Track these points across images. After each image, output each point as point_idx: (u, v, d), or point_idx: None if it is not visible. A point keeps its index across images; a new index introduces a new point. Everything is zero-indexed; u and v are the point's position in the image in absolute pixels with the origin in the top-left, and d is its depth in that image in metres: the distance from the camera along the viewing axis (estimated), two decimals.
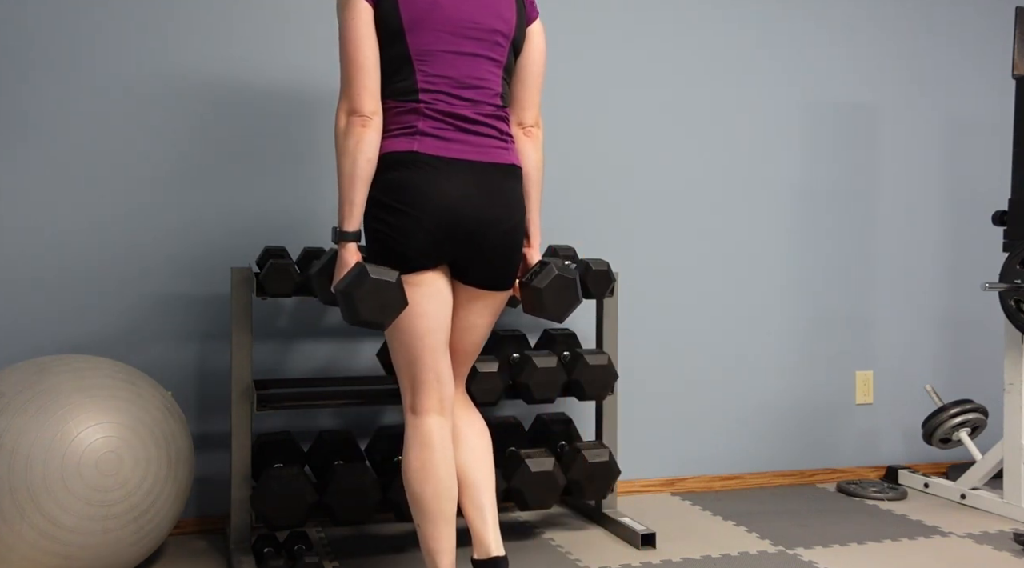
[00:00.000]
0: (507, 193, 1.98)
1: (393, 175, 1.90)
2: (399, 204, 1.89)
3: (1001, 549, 2.68)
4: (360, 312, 1.83)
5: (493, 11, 1.97)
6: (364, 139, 1.87)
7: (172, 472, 2.29)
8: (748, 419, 3.43)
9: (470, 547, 2.65)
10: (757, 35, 3.43)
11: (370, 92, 1.89)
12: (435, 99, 1.92)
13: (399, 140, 1.91)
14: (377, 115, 1.90)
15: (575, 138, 3.22)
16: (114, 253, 2.75)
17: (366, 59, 1.89)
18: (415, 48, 1.91)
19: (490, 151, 1.97)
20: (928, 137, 3.67)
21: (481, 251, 1.96)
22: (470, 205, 1.91)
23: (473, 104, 1.95)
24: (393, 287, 1.85)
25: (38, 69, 2.68)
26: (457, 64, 1.93)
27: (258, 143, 2.87)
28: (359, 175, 1.88)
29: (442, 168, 1.90)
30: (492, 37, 1.97)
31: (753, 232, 3.43)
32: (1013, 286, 2.96)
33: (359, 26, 1.89)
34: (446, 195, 1.89)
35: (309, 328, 2.92)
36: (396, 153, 1.91)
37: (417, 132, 1.91)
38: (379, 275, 1.84)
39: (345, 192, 1.89)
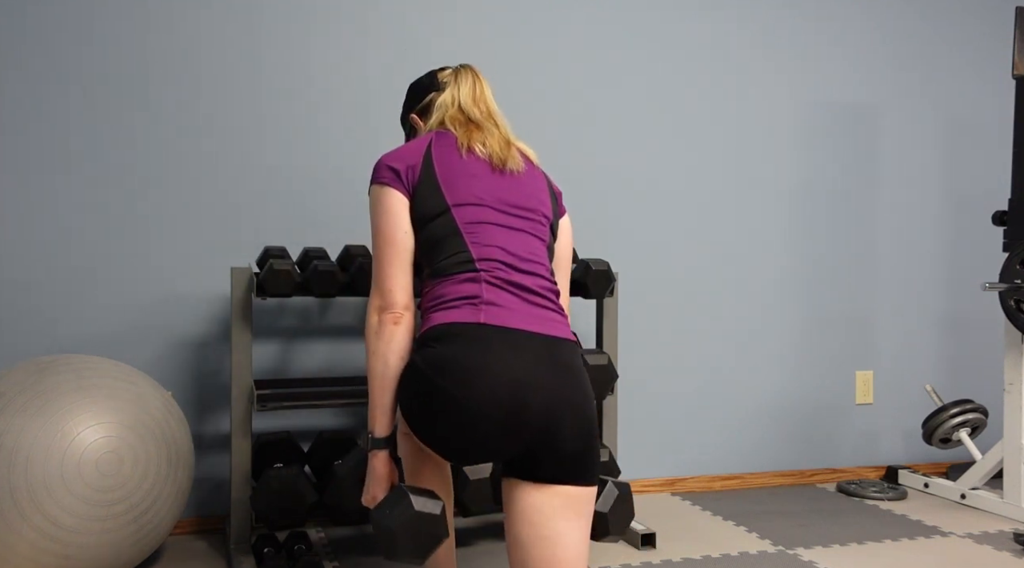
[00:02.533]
0: (579, 373, 1.71)
1: (448, 349, 1.63)
2: (457, 390, 1.60)
3: (1001, 549, 2.68)
4: (399, 549, 1.61)
5: (532, 194, 1.86)
6: (396, 338, 1.72)
7: (172, 472, 2.29)
8: (748, 419, 3.43)
9: (470, 547, 2.65)
10: (757, 36, 3.43)
11: (402, 286, 1.75)
12: (494, 267, 1.72)
13: (459, 310, 1.68)
14: (410, 311, 1.75)
15: (575, 138, 3.22)
16: (114, 253, 2.75)
17: (400, 252, 1.76)
18: (463, 221, 1.75)
19: (556, 326, 1.73)
20: (928, 137, 3.67)
21: (556, 438, 1.64)
22: (544, 387, 1.63)
23: (531, 276, 1.76)
24: (437, 520, 1.62)
25: (37, 68, 2.68)
26: (508, 237, 1.77)
27: (258, 143, 2.87)
28: (391, 375, 1.72)
29: (510, 344, 1.64)
30: (535, 217, 1.83)
31: (753, 232, 3.43)
32: (1013, 286, 2.96)
33: (393, 218, 1.77)
34: (517, 375, 1.61)
35: (309, 328, 2.92)
36: (454, 324, 1.66)
37: (483, 302, 1.68)
38: (423, 508, 1.61)
39: (376, 395, 1.73)
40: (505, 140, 1.87)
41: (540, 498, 1.65)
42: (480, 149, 1.83)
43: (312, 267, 2.47)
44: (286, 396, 2.54)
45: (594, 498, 1.71)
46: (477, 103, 1.91)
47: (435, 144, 1.83)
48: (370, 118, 2.98)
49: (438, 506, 1.63)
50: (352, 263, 2.58)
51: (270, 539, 2.46)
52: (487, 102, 1.93)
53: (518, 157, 1.87)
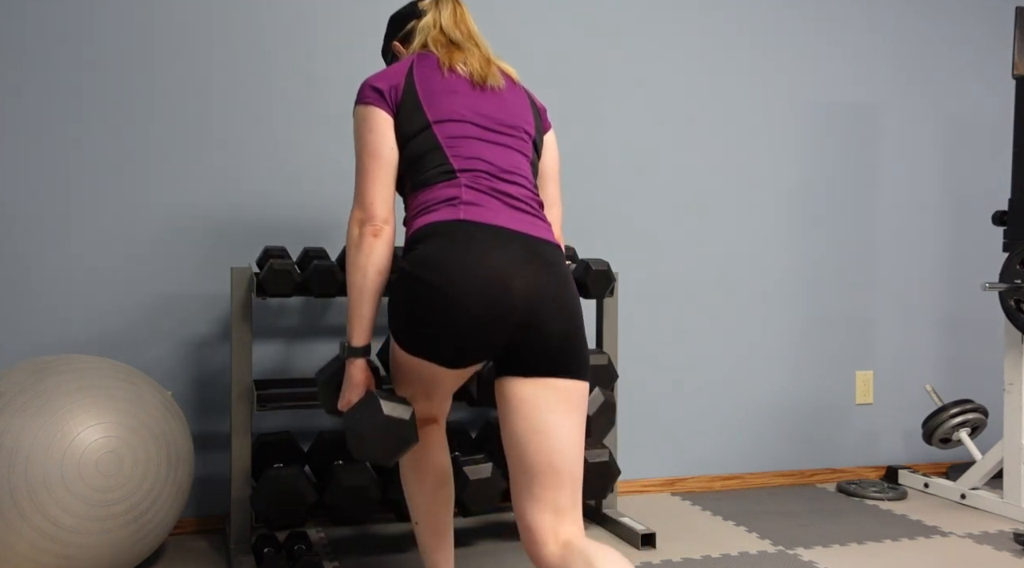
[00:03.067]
0: (562, 269, 1.74)
1: (431, 247, 1.67)
2: (439, 281, 1.64)
3: (1001, 549, 2.68)
4: (367, 450, 1.68)
5: (514, 111, 1.89)
6: (376, 250, 1.76)
7: (172, 472, 2.29)
8: (748, 419, 3.43)
9: (470, 547, 2.65)
10: (757, 36, 3.43)
11: (384, 199, 1.79)
12: (475, 177, 1.77)
13: (440, 211, 1.73)
14: (390, 225, 1.79)
15: (575, 139, 3.22)
16: (114, 253, 2.75)
17: (382, 166, 1.80)
18: (444, 137, 1.79)
19: (539, 228, 1.76)
20: (928, 137, 3.67)
21: (539, 330, 1.66)
22: (525, 277, 1.66)
23: (514, 185, 1.80)
24: (406, 425, 1.68)
25: (39, 68, 2.68)
26: (490, 151, 1.81)
27: (258, 143, 2.87)
28: (370, 287, 1.76)
29: (489, 237, 1.68)
30: (517, 133, 1.87)
31: (753, 232, 3.43)
32: (1013, 286, 2.96)
33: (377, 135, 1.80)
34: (496, 267, 1.64)
35: (309, 328, 2.92)
36: (436, 224, 1.70)
37: (462, 202, 1.73)
38: (392, 412, 1.68)
39: (355, 305, 1.77)
40: (486, 58, 1.91)
41: (532, 391, 1.67)
42: (461, 67, 1.87)
43: (312, 267, 2.47)
44: (286, 396, 2.54)
45: (587, 394, 1.73)
46: (458, 25, 1.95)
47: (417, 64, 1.87)
48: None
49: (407, 412, 1.68)
50: None
51: (270, 539, 2.46)
52: (468, 24, 1.97)
53: (499, 75, 1.91)
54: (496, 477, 2.50)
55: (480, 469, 2.49)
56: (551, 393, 1.67)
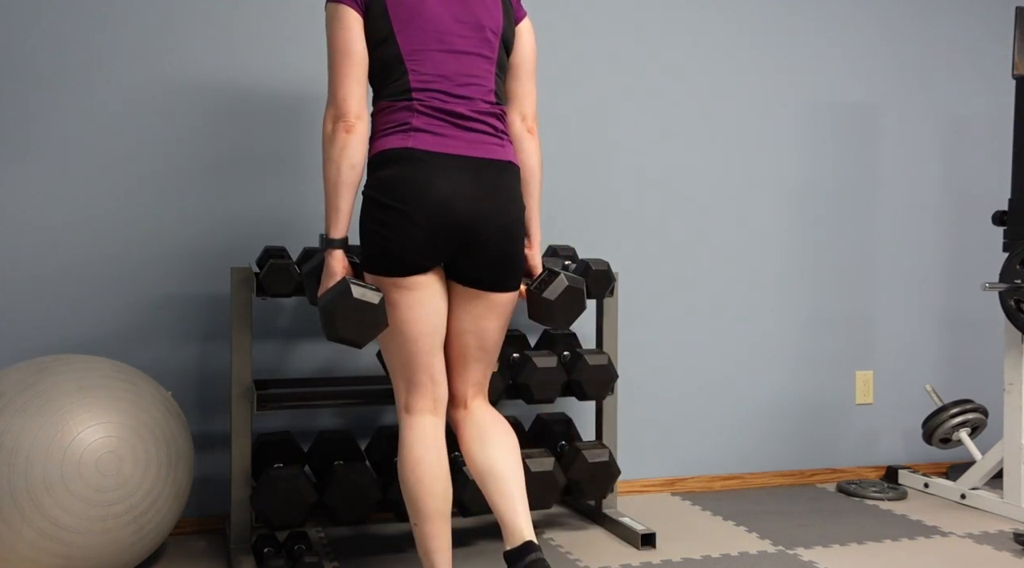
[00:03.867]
0: (504, 189, 1.95)
1: (386, 172, 1.88)
2: (393, 201, 1.86)
3: (1001, 549, 2.68)
4: (338, 330, 1.81)
5: (480, 10, 1.97)
6: (349, 144, 1.87)
7: (172, 472, 2.29)
8: (748, 419, 3.43)
9: (469, 547, 2.65)
10: (756, 35, 3.43)
11: (355, 97, 1.89)
12: (429, 97, 1.91)
13: (393, 137, 1.90)
14: (362, 121, 1.89)
15: (575, 139, 3.22)
16: (114, 253, 2.75)
17: (354, 65, 1.89)
18: (406, 48, 1.91)
19: (486, 147, 1.94)
20: (928, 137, 3.67)
21: (478, 249, 1.92)
22: (465, 200, 1.88)
23: (467, 101, 1.94)
24: (375, 308, 1.82)
25: (39, 69, 2.68)
26: (449, 62, 1.93)
27: (258, 143, 2.87)
28: (344, 181, 1.88)
29: (436, 163, 1.88)
30: (482, 34, 1.96)
31: (753, 232, 3.43)
32: (1013, 286, 2.96)
33: (347, 33, 1.89)
34: (440, 190, 1.86)
35: (309, 328, 2.92)
36: (389, 150, 1.89)
37: (411, 129, 1.89)
38: (362, 295, 1.81)
39: (331, 199, 1.89)
40: None
41: (469, 298, 1.98)
42: None
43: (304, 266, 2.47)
44: (286, 396, 2.54)
45: (514, 300, 2.02)
46: None
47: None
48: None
49: (376, 297, 1.83)
50: None
51: (270, 539, 2.46)
52: None
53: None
54: None
55: None
56: (484, 302, 1.99)
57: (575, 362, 2.68)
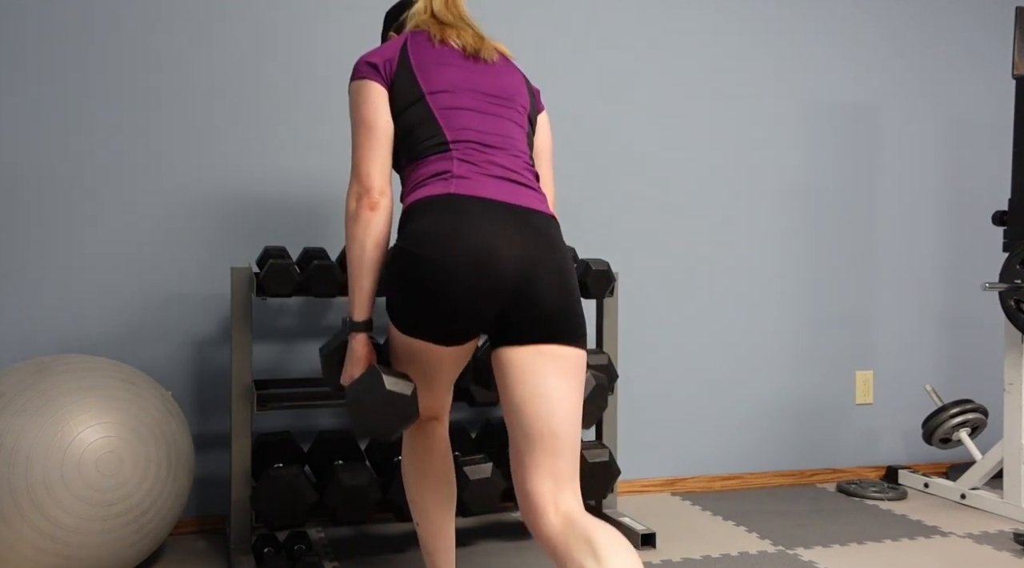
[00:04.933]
0: (554, 239, 1.73)
1: (423, 222, 1.67)
2: (432, 253, 1.64)
3: (1001, 549, 2.68)
4: (369, 424, 1.70)
5: (509, 84, 1.91)
6: (373, 223, 1.77)
7: (172, 472, 2.29)
8: (748, 419, 3.43)
9: (470, 547, 2.65)
10: (756, 36, 3.43)
11: (380, 172, 1.80)
12: (467, 148, 1.77)
13: (431, 186, 1.73)
14: (386, 197, 1.79)
15: (575, 139, 3.22)
16: (114, 253, 2.75)
17: (378, 139, 1.81)
18: (438, 106, 1.80)
19: (532, 199, 1.76)
20: (928, 137, 3.67)
21: (533, 300, 1.66)
22: (515, 247, 1.66)
23: (506, 154, 1.80)
24: (407, 400, 1.69)
25: (36, 66, 2.68)
26: (484, 121, 1.81)
27: (258, 143, 2.87)
28: (368, 260, 1.77)
29: (480, 210, 1.67)
30: (512, 105, 1.88)
31: (753, 232, 3.43)
32: (1013, 286, 2.96)
33: (373, 108, 1.81)
34: (485, 239, 1.64)
35: (309, 328, 2.92)
36: (428, 198, 1.71)
37: (452, 176, 1.73)
38: (394, 387, 1.68)
39: (355, 279, 1.78)
40: (478, 35, 1.93)
41: (529, 358, 1.67)
42: (454, 41, 1.89)
43: (312, 267, 2.47)
44: (286, 396, 2.54)
45: (584, 362, 1.72)
46: (449, 9, 1.97)
47: (410, 40, 1.89)
48: None
49: (409, 387, 1.69)
50: None
51: (270, 539, 2.46)
52: (459, 7, 1.99)
53: (491, 49, 1.92)
54: (496, 477, 2.50)
55: (480, 469, 2.49)
56: (548, 359, 1.67)
57: None
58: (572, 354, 1.69)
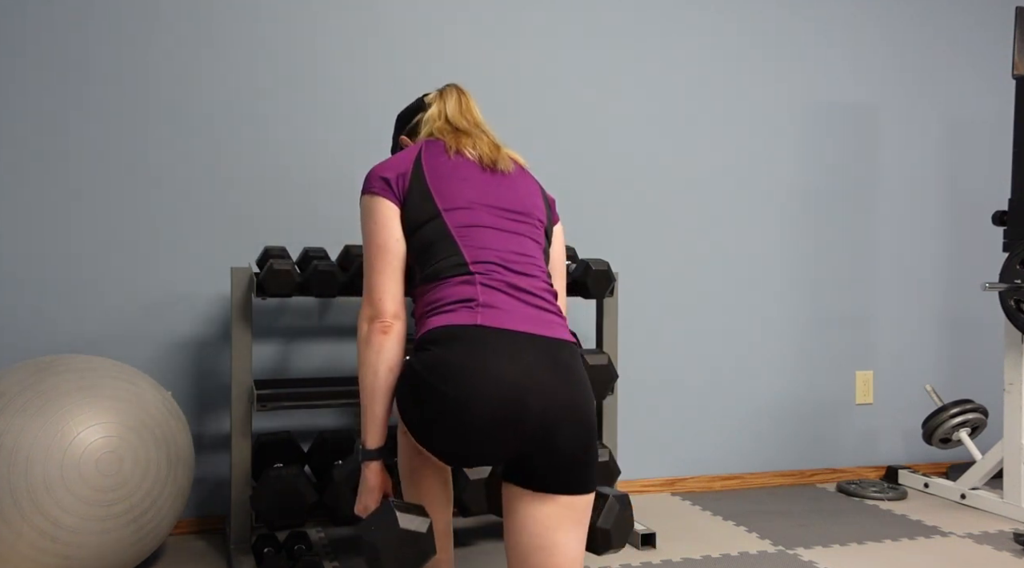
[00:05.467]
0: (579, 374, 1.68)
1: (445, 352, 1.61)
2: (449, 388, 1.58)
3: (1001, 549, 2.68)
4: (384, 563, 1.61)
5: (526, 197, 1.86)
6: (385, 348, 1.71)
7: (172, 472, 2.29)
8: (748, 419, 3.43)
9: (470, 547, 2.65)
10: (756, 36, 3.43)
11: (393, 295, 1.75)
12: (489, 270, 1.71)
13: (455, 314, 1.66)
14: (400, 321, 1.74)
15: (574, 139, 3.22)
16: (114, 253, 2.75)
17: (391, 260, 1.76)
18: (455, 224, 1.75)
19: (555, 328, 1.70)
20: (928, 137, 3.67)
21: (552, 446, 1.62)
22: (543, 389, 1.60)
23: (527, 277, 1.74)
24: (423, 537, 1.62)
25: (36, 65, 2.68)
26: (502, 240, 1.76)
27: (258, 143, 2.87)
28: (380, 387, 1.71)
29: (506, 344, 1.61)
30: (529, 219, 1.83)
31: (753, 232, 3.43)
32: (1013, 286, 2.96)
33: (384, 229, 1.77)
34: (513, 377, 1.58)
35: (309, 328, 2.92)
36: (452, 327, 1.63)
37: (479, 304, 1.66)
38: (408, 525, 1.61)
39: (367, 406, 1.72)
40: (494, 144, 1.89)
41: (539, 509, 1.64)
42: (469, 152, 1.84)
43: (312, 267, 2.47)
44: (286, 396, 2.54)
45: (591, 505, 1.70)
46: (464, 114, 1.94)
47: (425, 151, 1.84)
48: (370, 120, 2.98)
49: (424, 524, 1.62)
50: (352, 263, 2.58)
51: (270, 539, 2.46)
52: (473, 113, 1.95)
53: (508, 159, 1.88)
54: (496, 477, 2.50)
55: (480, 469, 2.49)
56: (559, 509, 1.65)
57: None
58: (582, 502, 1.67)
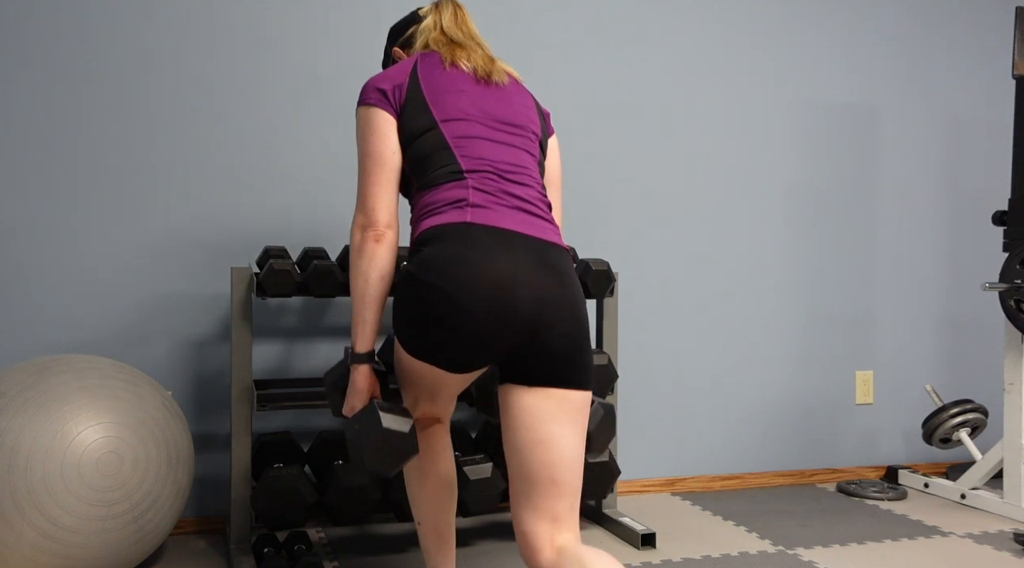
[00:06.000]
0: (570, 274, 1.72)
1: (436, 249, 1.65)
2: (441, 283, 1.62)
3: (1001, 549, 2.68)
4: (366, 461, 1.70)
5: (521, 111, 1.88)
6: (378, 255, 1.75)
7: (172, 472, 2.29)
8: (748, 419, 3.43)
9: (470, 547, 2.65)
10: (756, 35, 3.43)
11: (386, 204, 1.77)
12: (482, 178, 1.74)
13: (446, 214, 1.70)
14: (392, 230, 1.77)
15: (574, 138, 3.22)
16: (114, 253, 2.75)
17: (385, 170, 1.78)
18: (452, 136, 1.77)
19: (547, 231, 1.74)
20: (928, 137, 3.67)
21: (544, 340, 1.65)
22: (530, 285, 1.63)
23: (521, 186, 1.78)
24: (406, 437, 1.70)
25: (37, 66, 2.68)
26: (498, 151, 1.79)
27: (259, 142, 2.87)
28: (372, 294, 1.75)
29: (497, 242, 1.65)
30: (525, 132, 1.86)
31: (753, 232, 3.43)
32: (1013, 286, 2.96)
33: (380, 138, 1.79)
34: (501, 272, 1.62)
35: (309, 328, 2.92)
36: (443, 225, 1.68)
37: (469, 204, 1.70)
38: (391, 424, 1.68)
39: (357, 311, 1.76)
40: (488, 56, 1.91)
41: (534, 401, 1.66)
42: (464, 64, 1.87)
43: (312, 267, 2.47)
44: (286, 396, 2.54)
45: (589, 402, 1.71)
46: (459, 26, 1.96)
47: (420, 63, 1.86)
48: None
49: (407, 424, 1.69)
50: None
51: (270, 539, 2.46)
52: (468, 25, 1.97)
53: (502, 72, 1.91)
54: (496, 477, 2.51)
55: (480, 469, 2.49)
56: (554, 403, 1.66)
57: None
58: (578, 397, 1.68)
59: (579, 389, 1.68)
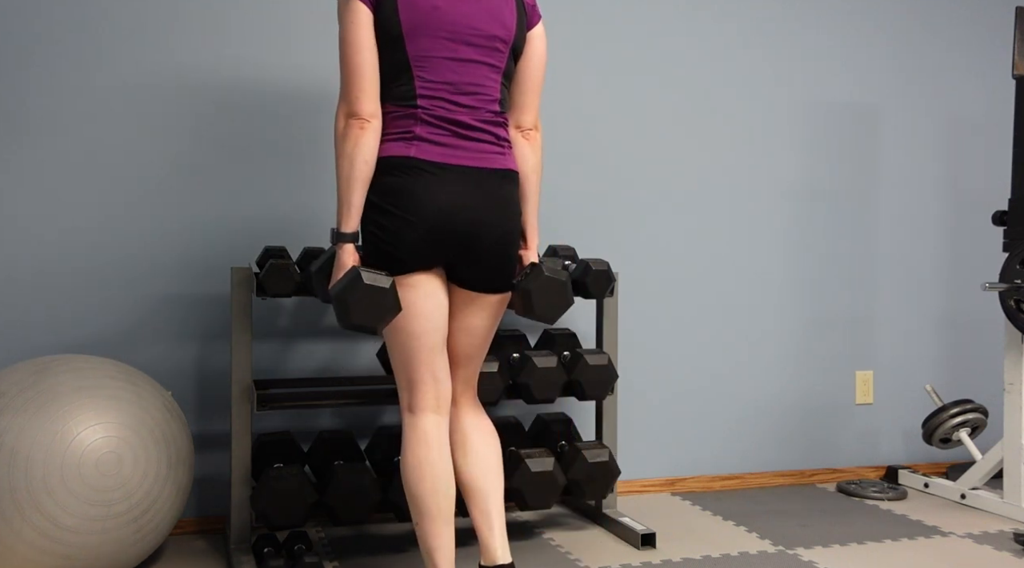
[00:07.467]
0: (504, 199, 1.99)
1: (389, 180, 1.92)
2: (394, 208, 1.90)
3: (1001, 549, 2.68)
4: (352, 316, 1.84)
5: (494, 16, 1.97)
6: (361, 142, 1.88)
7: (172, 472, 2.29)
8: (748, 419, 3.43)
9: (470, 547, 2.65)
10: (757, 35, 3.43)
11: (368, 95, 1.90)
12: (433, 105, 1.93)
13: (396, 144, 1.93)
14: (375, 118, 1.91)
15: (575, 138, 3.22)
16: (114, 253, 2.75)
17: (364, 62, 1.90)
18: (413, 54, 1.92)
19: (488, 157, 1.98)
20: (928, 137, 3.67)
21: (475, 254, 1.97)
22: (465, 210, 1.93)
23: (471, 110, 1.96)
24: (387, 293, 1.86)
25: (38, 67, 2.68)
26: (456, 70, 1.94)
27: (258, 143, 2.87)
28: (356, 177, 1.89)
29: (438, 174, 1.92)
30: (491, 43, 1.97)
31: (753, 232, 3.43)
32: (1013, 286, 2.96)
33: (358, 30, 1.90)
34: (440, 202, 1.91)
35: (309, 328, 2.92)
36: (393, 158, 1.92)
37: (415, 137, 1.92)
38: (373, 280, 1.84)
39: (343, 194, 1.91)
40: None
41: (465, 300, 2.04)
42: None
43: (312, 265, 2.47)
44: (286, 396, 2.54)
45: (506, 300, 2.08)
46: None
47: None
48: None
49: (387, 281, 1.86)
50: None
51: (270, 539, 2.46)
52: None
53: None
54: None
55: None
56: (478, 302, 2.05)
57: (575, 362, 2.68)
58: (495, 298, 2.06)
59: (498, 293, 2.05)
